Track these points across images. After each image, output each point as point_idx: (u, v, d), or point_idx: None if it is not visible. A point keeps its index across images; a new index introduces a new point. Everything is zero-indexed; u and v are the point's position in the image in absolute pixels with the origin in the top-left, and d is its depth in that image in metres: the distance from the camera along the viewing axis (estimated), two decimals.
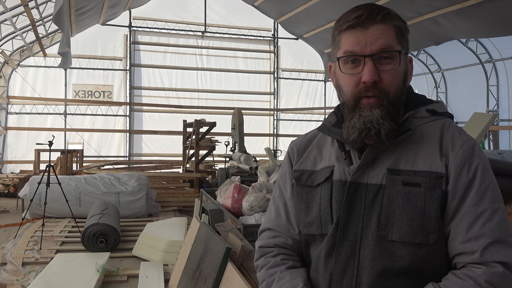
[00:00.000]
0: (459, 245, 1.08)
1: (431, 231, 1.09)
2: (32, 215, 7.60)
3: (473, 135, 6.27)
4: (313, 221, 1.21)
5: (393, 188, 1.11)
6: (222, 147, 12.19)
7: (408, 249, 1.09)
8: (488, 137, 13.47)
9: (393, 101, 1.13)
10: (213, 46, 16.98)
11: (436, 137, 1.15)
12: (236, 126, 10.93)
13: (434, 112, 1.20)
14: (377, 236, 1.11)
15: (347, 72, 1.14)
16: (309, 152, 1.29)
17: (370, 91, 1.11)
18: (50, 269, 4.68)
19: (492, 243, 1.05)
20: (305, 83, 18.05)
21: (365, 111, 1.12)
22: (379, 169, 1.14)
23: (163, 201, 9.46)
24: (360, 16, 1.11)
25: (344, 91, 1.17)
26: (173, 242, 5.40)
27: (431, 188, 1.09)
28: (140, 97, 16.34)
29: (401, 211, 1.10)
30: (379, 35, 1.11)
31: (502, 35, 11.80)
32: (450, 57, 15.37)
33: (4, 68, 14.14)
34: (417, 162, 1.12)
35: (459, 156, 1.11)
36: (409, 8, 11.91)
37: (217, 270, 3.11)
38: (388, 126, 1.10)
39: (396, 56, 1.12)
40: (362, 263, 1.13)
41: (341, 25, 1.15)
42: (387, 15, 1.13)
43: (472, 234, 1.06)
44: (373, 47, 1.10)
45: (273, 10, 16.21)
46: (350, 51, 1.12)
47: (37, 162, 12.32)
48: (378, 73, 1.11)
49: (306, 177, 1.26)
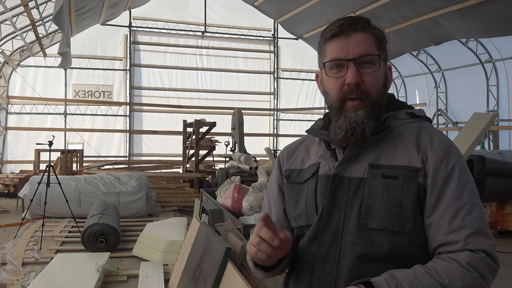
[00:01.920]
0: (443, 237, 1.17)
1: (407, 220, 1.18)
2: (32, 215, 7.60)
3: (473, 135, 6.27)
4: (300, 214, 1.32)
5: (373, 180, 1.22)
6: (222, 147, 12.20)
7: (386, 236, 1.19)
8: (488, 137, 13.48)
9: (375, 102, 1.24)
10: (213, 46, 16.98)
11: (414, 136, 1.26)
12: (236, 126, 10.93)
13: (413, 115, 1.31)
14: (357, 224, 1.21)
15: (333, 76, 1.25)
16: (297, 154, 1.42)
17: (354, 92, 1.22)
18: (50, 269, 4.67)
19: (473, 234, 1.14)
20: (305, 83, 18.05)
21: (350, 113, 1.23)
22: (362, 164, 1.25)
23: (163, 201, 9.47)
24: (342, 25, 1.24)
25: (330, 94, 1.27)
26: (173, 242, 5.40)
27: (407, 181, 1.20)
28: (140, 97, 16.35)
29: (380, 201, 1.20)
30: (360, 42, 1.23)
31: (502, 35, 11.81)
32: (450, 57, 15.36)
33: (4, 68, 14.14)
34: (396, 157, 1.23)
35: (437, 152, 1.21)
36: (409, 8, 11.92)
37: (217, 270, 3.11)
38: (372, 125, 1.22)
39: (376, 60, 1.24)
40: (343, 249, 1.22)
41: (325, 35, 1.27)
42: (366, 24, 1.26)
43: (454, 226, 1.16)
44: (355, 52, 1.22)
45: (273, 10, 16.21)
46: (335, 57, 1.24)
47: (37, 162, 12.33)
48: (361, 75, 1.22)
49: (295, 175, 1.37)
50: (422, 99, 16.98)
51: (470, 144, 6.18)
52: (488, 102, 14.53)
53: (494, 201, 7.38)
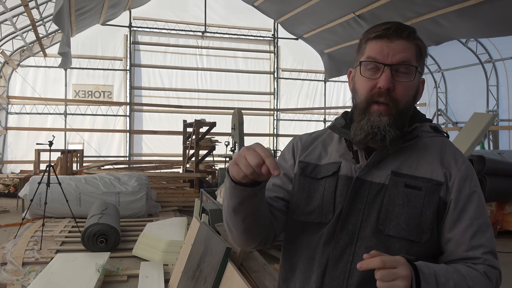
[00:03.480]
0: (463, 252, 1.22)
1: (425, 231, 1.21)
2: (32, 215, 7.60)
3: (473, 135, 6.27)
4: (313, 210, 1.31)
5: (395, 188, 1.23)
6: (222, 147, 12.19)
7: (402, 244, 1.21)
8: (488, 137, 13.48)
9: (401, 111, 1.23)
10: (213, 46, 16.97)
11: (437, 150, 1.29)
12: (236, 126, 10.93)
13: (436, 130, 1.34)
14: (375, 229, 1.23)
15: (366, 76, 1.25)
16: (314, 148, 1.39)
17: (383, 96, 1.22)
18: (50, 269, 4.68)
19: (488, 253, 1.22)
20: (305, 83, 18.05)
21: (374, 116, 1.22)
22: (384, 171, 1.26)
23: (163, 201, 9.46)
24: (388, 29, 1.23)
25: (359, 93, 1.27)
26: (173, 242, 5.40)
27: (430, 193, 1.22)
28: (140, 97, 16.34)
29: (400, 210, 1.22)
30: (402, 49, 1.22)
31: (502, 35, 11.79)
32: (450, 57, 15.36)
33: (4, 68, 14.14)
34: (419, 169, 1.25)
35: (462, 170, 1.25)
36: (409, 8, 11.91)
37: (217, 270, 3.11)
38: (393, 134, 1.21)
39: (412, 71, 1.24)
40: (358, 251, 1.23)
41: (369, 34, 1.26)
42: (412, 34, 1.25)
43: (474, 244, 1.21)
44: (394, 58, 1.21)
45: (273, 10, 16.20)
46: (373, 57, 1.23)
47: (37, 162, 12.32)
48: (394, 82, 1.21)
49: (310, 169, 1.35)
50: (422, 99, 16.92)
51: (470, 144, 6.19)
52: (488, 102, 14.53)
53: (494, 201, 7.38)
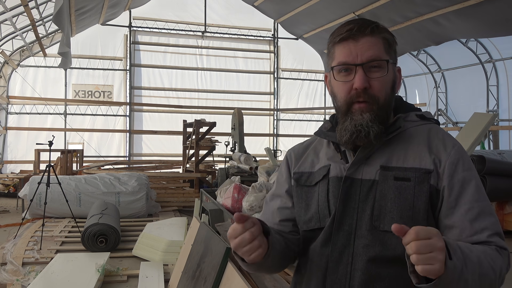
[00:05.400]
0: (467, 238, 1.19)
1: (420, 222, 1.19)
2: (32, 215, 7.60)
3: (473, 135, 6.26)
4: (312, 217, 1.31)
5: (385, 183, 1.23)
6: (222, 147, 12.20)
7: (399, 238, 1.18)
8: (488, 137, 13.48)
9: (382, 106, 1.24)
10: (213, 46, 16.98)
11: (424, 138, 1.27)
12: (236, 126, 10.94)
13: (423, 117, 1.33)
14: (370, 226, 1.22)
15: (341, 80, 1.26)
16: (306, 156, 1.41)
17: (361, 96, 1.23)
18: (50, 269, 4.68)
19: (493, 235, 1.18)
20: (305, 83, 18.05)
21: (356, 115, 1.23)
22: (373, 166, 1.25)
23: (163, 201, 9.46)
24: (351, 29, 1.23)
25: (338, 97, 1.28)
26: (173, 242, 5.40)
27: (419, 182, 1.21)
28: (140, 97, 16.35)
29: (392, 204, 1.21)
30: (368, 46, 1.23)
31: (502, 35, 11.81)
32: (450, 57, 15.37)
33: (4, 68, 14.14)
34: (407, 159, 1.24)
35: (452, 154, 1.23)
36: (409, 8, 11.92)
37: (217, 270, 3.11)
38: (376, 129, 1.22)
39: (384, 65, 1.24)
40: (356, 251, 1.23)
41: (334, 38, 1.27)
42: (375, 28, 1.25)
43: (477, 227, 1.18)
44: (363, 57, 1.22)
45: (273, 10, 16.21)
46: (343, 61, 1.24)
47: (37, 162, 12.32)
48: (368, 80, 1.22)
49: (305, 178, 1.36)
50: (422, 99, 16.98)
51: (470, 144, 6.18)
52: (488, 102, 14.53)
53: (494, 201, 7.37)
